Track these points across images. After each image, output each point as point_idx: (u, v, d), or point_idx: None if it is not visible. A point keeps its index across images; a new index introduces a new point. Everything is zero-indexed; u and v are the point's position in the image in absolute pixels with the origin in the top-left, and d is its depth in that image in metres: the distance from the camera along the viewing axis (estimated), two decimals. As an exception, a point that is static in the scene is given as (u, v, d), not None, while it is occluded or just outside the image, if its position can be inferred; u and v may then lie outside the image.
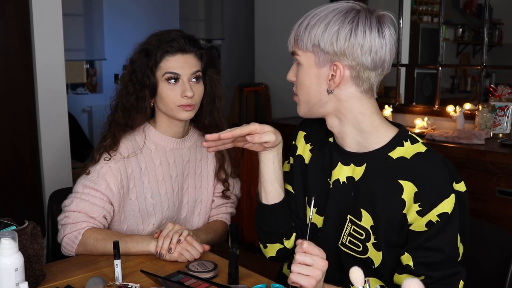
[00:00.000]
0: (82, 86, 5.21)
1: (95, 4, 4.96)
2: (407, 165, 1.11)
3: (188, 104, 1.47)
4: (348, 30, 1.06)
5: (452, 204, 1.08)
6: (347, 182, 1.18)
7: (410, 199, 1.09)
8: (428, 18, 3.81)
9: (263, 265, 1.58)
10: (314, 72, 1.12)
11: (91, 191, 1.45)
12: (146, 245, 1.38)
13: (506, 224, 2.24)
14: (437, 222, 1.07)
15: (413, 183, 1.09)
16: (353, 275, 0.84)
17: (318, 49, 1.09)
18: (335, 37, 1.07)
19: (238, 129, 1.17)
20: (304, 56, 1.12)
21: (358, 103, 1.13)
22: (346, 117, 1.14)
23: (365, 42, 1.07)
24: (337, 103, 1.13)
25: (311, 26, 1.09)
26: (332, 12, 1.09)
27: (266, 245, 1.34)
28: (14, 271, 1.04)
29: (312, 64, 1.12)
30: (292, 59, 1.17)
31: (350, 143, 1.17)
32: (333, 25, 1.07)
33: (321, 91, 1.13)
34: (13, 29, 2.57)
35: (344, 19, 1.07)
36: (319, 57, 1.10)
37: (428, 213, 1.07)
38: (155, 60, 1.47)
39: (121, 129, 1.49)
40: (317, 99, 1.14)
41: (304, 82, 1.14)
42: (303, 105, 1.18)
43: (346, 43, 1.07)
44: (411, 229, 1.10)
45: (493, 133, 2.63)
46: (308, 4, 3.85)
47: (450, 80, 4.16)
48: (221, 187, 1.65)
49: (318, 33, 1.08)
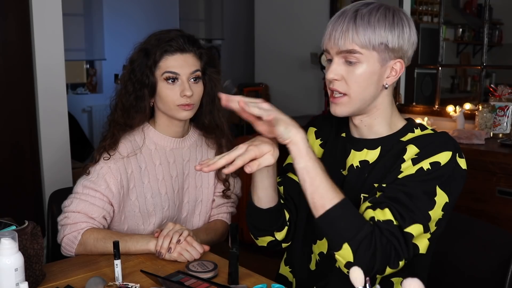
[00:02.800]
0: (82, 86, 5.21)
1: (95, 4, 4.96)
2: (416, 138, 1.15)
3: (187, 104, 1.47)
4: (408, 29, 1.13)
5: (448, 158, 1.09)
6: (361, 166, 1.20)
7: (411, 156, 1.11)
8: (428, 18, 3.81)
9: (263, 265, 1.58)
10: (377, 70, 1.13)
11: (91, 192, 1.45)
12: (145, 244, 1.38)
13: (506, 224, 2.24)
14: (427, 170, 1.08)
15: (417, 147, 1.12)
16: (353, 275, 0.84)
17: (385, 47, 1.11)
18: (401, 36, 1.11)
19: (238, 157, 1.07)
20: (367, 54, 1.11)
21: (390, 96, 1.20)
22: (379, 109, 1.18)
23: (415, 40, 1.15)
24: (383, 97, 1.18)
25: (375, 24, 1.10)
26: (385, 10, 1.11)
27: (257, 238, 1.34)
28: (14, 271, 1.04)
29: (375, 62, 1.12)
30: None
31: (371, 133, 1.20)
32: (398, 24, 1.11)
33: (379, 87, 1.15)
34: (13, 29, 2.57)
35: (399, 18, 1.12)
36: (383, 54, 1.12)
37: (422, 161, 1.09)
38: (154, 60, 1.47)
39: (121, 129, 1.50)
40: (372, 95, 1.16)
41: (364, 80, 1.13)
42: (355, 103, 1.16)
43: (408, 42, 1.13)
44: (398, 177, 1.10)
45: (493, 133, 2.64)
46: (308, 4, 3.86)
47: (450, 80, 4.15)
48: (221, 186, 1.65)
49: (386, 31, 1.10)
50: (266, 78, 4.16)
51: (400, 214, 1.05)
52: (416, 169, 1.09)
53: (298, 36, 3.85)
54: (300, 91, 3.85)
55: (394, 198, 1.07)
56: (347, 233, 1.04)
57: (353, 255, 1.04)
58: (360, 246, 1.03)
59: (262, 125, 1.10)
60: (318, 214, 1.07)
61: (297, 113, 3.83)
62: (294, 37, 3.91)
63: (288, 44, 3.98)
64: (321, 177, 1.07)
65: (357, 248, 1.03)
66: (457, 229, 1.37)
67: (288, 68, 3.98)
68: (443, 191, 1.08)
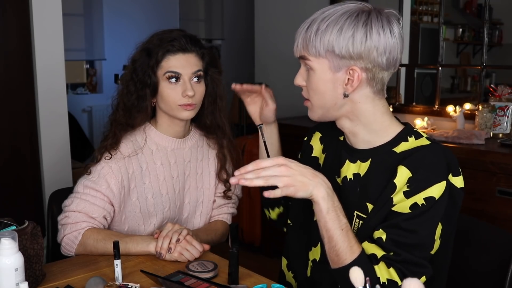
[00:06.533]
0: (82, 86, 5.21)
1: (95, 4, 4.96)
2: (408, 155, 1.11)
3: (189, 104, 1.47)
4: (363, 33, 1.06)
5: (441, 191, 1.06)
6: (353, 179, 1.18)
7: (403, 183, 1.08)
8: (428, 18, 3.81)
9: (263, 265, 1.59)
10: (329, 77, 1.11)
11: (92, 192, 1.45)
12: (146, 246, 1.38)
13: (506, 224, 2.24)
14: (422, 205, 1.06)
15: (408, 169, 1.09)
16: (353, 275, 0.84)
17: (333, 55, 1.08)
18: (351, 42, 1.06)
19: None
20: (317, 61, 1.10)
21: (370, 104, 1.14)
22: (358, 118, 1.15)
23: (380, 44, 1.06)
24: (351, 105, 1.13)
25: (323, 31, 1.07)
26: (343, 16, 1.07)
27: (269, 209, 1.43)
28: (14, 271, 1.04)
29: (326, 69, 1.10)
30: (298, 61, 1.16)
31: (359, 141, 1.18)
32: (347, 29, 1.06)
33: (337, 95, 1.12)
34: (13, 29, 2.57)
35: (357, 22, 1.06)
36: (333, 62, 1.09)
37: (415, 195, 1.06)
38: (156, 59, 1.46)
39: (122, 128, 1.50)
40: (332, 103, 1.13)
41: (318, 88, 1.13)
42: (317, 110, 1.17)
43: (362, 47, 1.06)
44: (393, 210, 1.09)
45: (493, 133, 2.63)
46: (308, 4, 3.86)
47: (450, 80, 4.15)
48: (222, 187, 1.65)
49: (332, 38, 1.06)
50: (266, 78, 4.16)
51: (404, 274, 1.05)
52: (410, 204, 1.07)
53: (298, 36, 3.85)
54: (300, 91, 3.84)
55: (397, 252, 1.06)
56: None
57: None
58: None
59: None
60: (333, 266, 1.10)
61: (297, 113, 3.82)
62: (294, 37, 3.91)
63: (288, 44, 3.96)
64: (338, 237, 1.07)
65: None
66: (457, 229, 1.37)
67: (288, 68, 3.97)
68: (440, 223, 1.08)
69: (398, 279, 1.05)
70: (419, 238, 1.07)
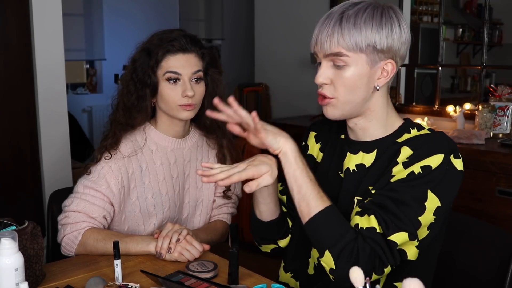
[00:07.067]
0: (82, 86, 5.21)
1: (95, 4, 4.96)
2: (412, 139, 1.13)
3: (188, 104, 1.47)
4: (397, 28, 1.09)
5: (439, 162, 1.06)
6: (357, 170, 1.18)
7: (403, 159, 1.09)
8: (428, 18, 3.81)
9: (263, 265, 1.58)
10: (366, 72, 1.10)
11: (92, 191, 1.45)
12: (146, 246, 1.38)
13: (506, 224, 2.24)
14: (418, 173, 1.06)
15: (411, 148, 1.10)
16: (353, 275, 0.84)
17: (373, 49, 1.08)
18: (390, 36, 1.08)
19: (236, 176, 1.11)
20: (355, 56, 1.09)
21: (385, 98, 1.17)
22: (374, 111, 1.16)
23: (407, 38, 1.11)
24: (374, 100, 1.15)
25: (361, 25, 1.07)
26: (376, 10, 1.08)
27: (261, 245, 1.39)
28: (14, 271, 1.04)
29: (363, 64, 1.10)
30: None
31: (367, 135, 1.19)
32: (385, 24, 1.08)
33: (368, 90, 1.13)
34: (13, 29, 2.57)
35: (388, 17, 1.09)
36: (371, 56, 1.09)
37: (413, 164, 1.07)
38: (156, 59, 1.47)
39: (122, 128, 1.50)
40: (362, 98, 1.13)
41: (352, 83, 1.11)
42: (343, 107, 1.14)
43: (398, 41, 1.09)
44: (391, 181, 1.08)
45: (493, 133, 2.64)
46: (308, 4, 3.86)
47: (450, 80, 4.15)
48: (222, 187, 1.65)
49: (374, 32, 1.07)
50: (266, 78, 4.16)
51: (385, 221, 1.04)
52: (407, 173, 1.07)
53: (298, 36, 3.85)
54: (300, 91, 3.84)
55: (382, 204, 1.06)
56: (328, 240, 1.05)
57: (335, 262, 1.04)
58: (341, 254, 1.03)
59: (254, 139, 1.13)
60: (304, 221, 1.10)
61: (297, 113, 3.83)
62: (294, 37, 3.91)
63: (288, 44, 3.97)
64: (307, 185, 1.09)
65: (338, 255, 1.04)
66: (457, 229, 1.37)
67: (288, 68, 3.98)
68: (434, 195, 1.06)
69: (377, 226, 1.05)
70: (407, 197, 1.05)
